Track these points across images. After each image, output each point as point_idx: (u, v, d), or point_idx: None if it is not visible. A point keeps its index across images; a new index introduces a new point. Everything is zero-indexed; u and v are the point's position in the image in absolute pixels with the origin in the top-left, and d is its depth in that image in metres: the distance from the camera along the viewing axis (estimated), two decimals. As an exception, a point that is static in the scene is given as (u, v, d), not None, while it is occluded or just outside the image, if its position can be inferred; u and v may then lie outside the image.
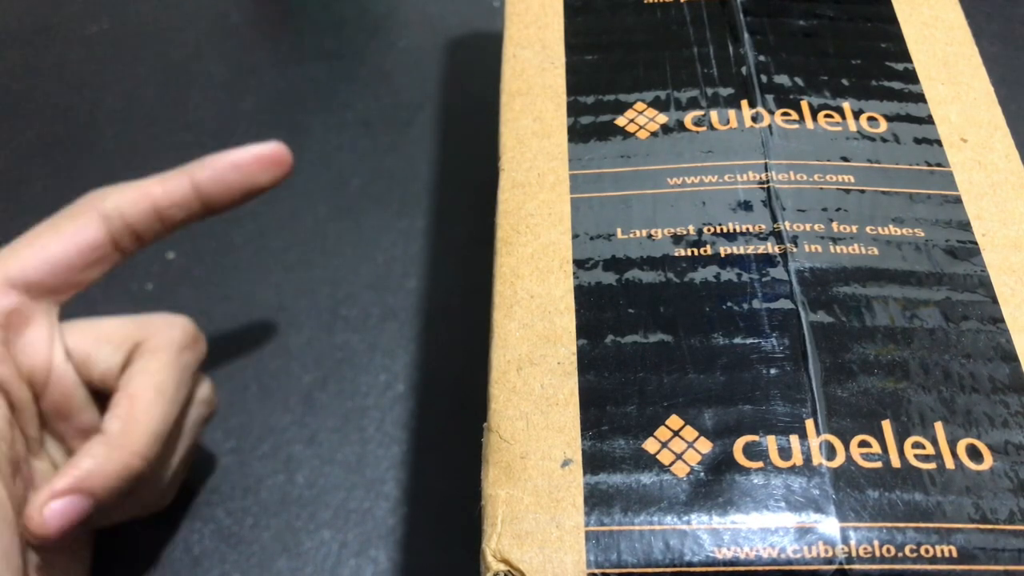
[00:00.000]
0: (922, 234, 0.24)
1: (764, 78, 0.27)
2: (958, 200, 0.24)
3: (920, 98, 0.27)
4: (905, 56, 0.28)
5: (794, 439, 0.20)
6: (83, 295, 0.42)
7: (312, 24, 0.53)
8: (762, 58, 0.27)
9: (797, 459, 0.20)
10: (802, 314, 0.22)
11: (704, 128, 0.26)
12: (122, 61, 0.51)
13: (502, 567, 0.19)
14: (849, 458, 0.20)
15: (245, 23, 0.53)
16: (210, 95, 0.49)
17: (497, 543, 0.19)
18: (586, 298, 0.23)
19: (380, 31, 0.52)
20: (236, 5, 0.54)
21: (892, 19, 0.29)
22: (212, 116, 0.48)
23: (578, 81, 0.27)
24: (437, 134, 0.48)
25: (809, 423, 0.21)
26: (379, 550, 0.35)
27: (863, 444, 0.20)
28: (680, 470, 0.20)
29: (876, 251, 0.23)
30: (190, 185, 0.32)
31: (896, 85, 0.27)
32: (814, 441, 0.20)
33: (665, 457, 0.20)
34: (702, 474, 0.20)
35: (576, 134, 0.26)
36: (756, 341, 0.22)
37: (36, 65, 0.51)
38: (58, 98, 0.49)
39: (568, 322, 0.23)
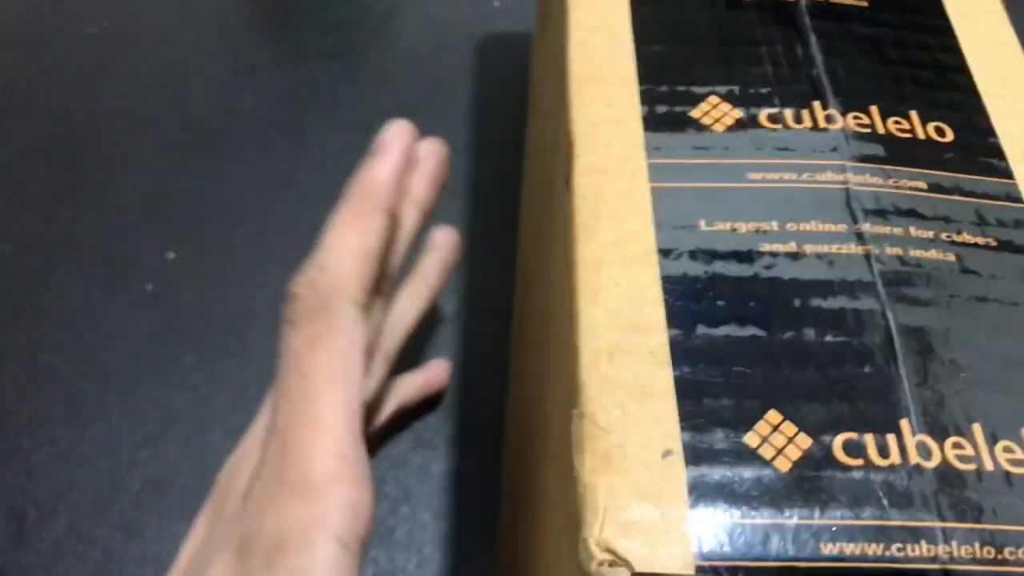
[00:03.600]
0: (995, 243, 0.24)
1: (833, 80, 0.27)
2: None
3: (983, 111, 0.27)
4: (966, 70, 0.28)
5: (891, 438, 0.20)
6: (82, 294, 0.42)
7: (312, 24, 0.53)
8: (830, 61, 0.28)
9: (896, 458, 0.20)
10: (889, 315, 0.22)
11: (779, 125, 0.26)
12: (122, 61, 0.51)
13: (607, 556, 0.19)
14: (944, 459, 0.20)
15: (245, 23, 0.53)
16: (210, 95, 0.49)
17: (600, 532, 0.19)
18: (674, 288, 0.23)
19: (380, 31, 0.52)
20: (236, 5, 0.54)
21: (951, 32, 0.29)
22: (212, 116, 0.48)
23: (649, 70, 0.27)
24: (437, 134, 0.47)
25: (904, 423, 0.21)
26: (379, 550, 0.35)
27: (956, 446, 0.20)
28: (782, 465, 0.20)
29: (954, 257, 0.24)
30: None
31: (958, 96, 0.27)
32: (910, 440, 0.20)
33: (766, 452, 0.20)
34: (804, 470, 0.20)
35: (651, 123, 0.26)
36: (846, 339, 0.22)
37: (36, 65, 0.51)
38: (58, 98, 0.49)
39: (657, 311, 0.22)
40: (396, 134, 0.30)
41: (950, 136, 0.26)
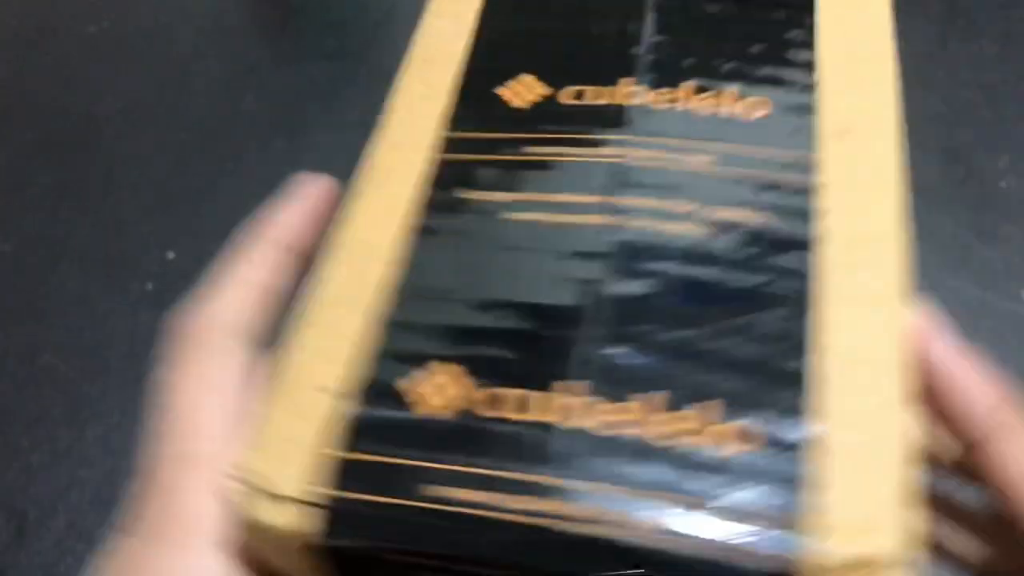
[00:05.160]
0: (763, 221, 0.24)
1: (652, 57, 0.27)
2: (813, 191, 0.24)
3: (810, 89, 0.27)
4: (809, 45, 0.28)
5: (538, 395, 0.21)
6: (83, 295, 0.42)
7: (312, 24, 0.53)
8: (659, 38, 0.28)
9: (536, 414, 0.21)
10: (606, 283, 0.23)
11: (578, 101, 0.26)
12: (122, 61, 0.51)
13: (240, 474, 0.21)
14: (599, 421, 0.20)
15: (245, 23, 0.53)
16: (210, 95, 0.49)
17: (246, 456, 0.21)
18: (406, 245, 0.24)
19: (380, 31, 0.52)
20: (236, 5, 0.54)
21: (809, 8, 0.29)
22: (212, 116, 0.48)
23: (478, 51, 0.28)
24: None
25: (558, 384, 0.21)
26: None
27: (621, 411, 0.21)
28: (431, 411, 0.21)
29: (704, 232, 0.24)
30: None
31: (788, 74, 0.27)
32: (559, 399, 0.21)
33: (419, 397, 0.21)
34: (451, 418, 0.21)
35: (459, 102, 0.27)
36: (553, 304, 0.22)
37: (36, 65, 0.51)
38: (58, 98, 0.49)
39: (385, 272, 0.24)
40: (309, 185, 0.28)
41: (764, 111, 0.26)
